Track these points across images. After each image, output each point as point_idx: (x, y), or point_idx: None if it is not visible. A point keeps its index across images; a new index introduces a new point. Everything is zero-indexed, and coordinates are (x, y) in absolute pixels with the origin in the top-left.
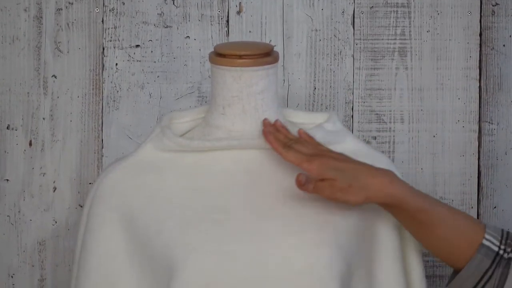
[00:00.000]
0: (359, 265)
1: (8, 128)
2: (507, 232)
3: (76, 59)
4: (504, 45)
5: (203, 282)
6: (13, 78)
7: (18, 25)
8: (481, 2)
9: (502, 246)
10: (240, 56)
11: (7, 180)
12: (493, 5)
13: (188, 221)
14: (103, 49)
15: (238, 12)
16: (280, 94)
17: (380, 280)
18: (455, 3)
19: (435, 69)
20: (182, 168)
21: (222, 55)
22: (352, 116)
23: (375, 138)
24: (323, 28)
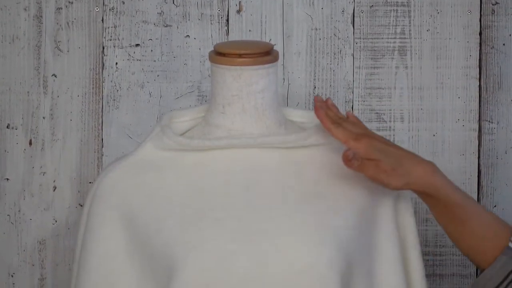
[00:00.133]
0: (360, 264)
1: (8, 127)
2: None
3: (76, 58)
4: (504, 44)
5: (203, 281)
6: (13, 77)
7: (18, 24)
8: (481, 1)
9: None
10: (240, 55)
11: (7, 179)
12: (493, 4)
13: (188, 220)
14: (103, 48)
15: (238, 11)
16: (280, 93)
17: (381, 279)
18: (455, 2)
19: (435, 68)
20: (182, 167)
21: (222, 54)
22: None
23: None
24: (323, 27)
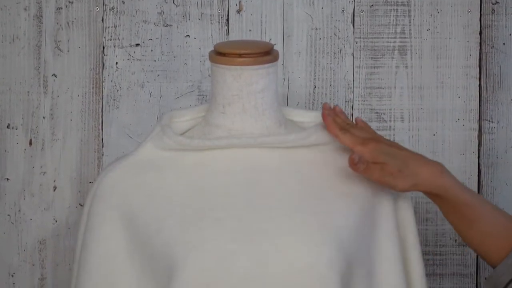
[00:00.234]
0: (360, 264)
1: (8, 127)
2: None
3: (76, 58)
4: (504, 44)
5: (203, 281)
6: (13, 77)
7: (18, 24)
8: (481, 1)
9: None
10: (240, 55)
11: (7, 179)
12: (493, 4)
13: (188, 220)
14: (103, 48)
15: (238, 11)
16: (280, 93)
17: (381, 279)
18: (455, 2)
19: (435, 68)
20: (182, 167)
21: (222, 54)
22: (352, 115)
23: None
24: (323, 27)
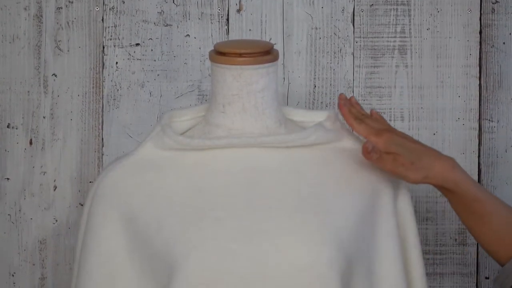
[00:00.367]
0: (360, 263)
1: (9, 127)
2: None
3: (76, 58)
4: (504, 43)
5: (203, 281)
6: (14, 77)
7: (18, 24)
8: (481, 0)
9: None
10: (240, 55)
11: (8, 179)
12: (493, 3)
13: (189, 219)
14: (103, 48)
15: (238, 11)
16: (280, 92)
17: (381, 278)
18: (455, 1)
19: (435, 67)
20: (183, 167)
21: (222, 54)
22: None
23: None
24: (323, 26)
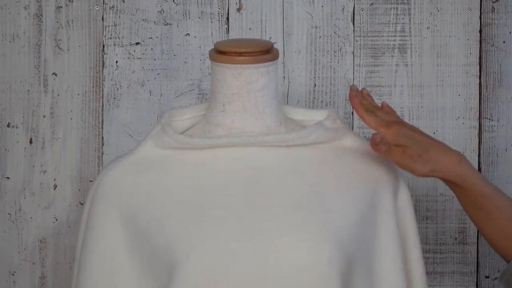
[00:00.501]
0: (360, 263)
1: (9, 126)
2: None
3: (76, 57)
4: (504, 42)
5: (204, 280)
6: (14, 76)
7: (18, 23)
8: None
9: None
10: (240, 54)
11: (8, 178)
12: (493, 2)
13: (189, 219)
14: (103, 47)
15: (238, 10)
16: (280, 91)
17: (381, 277)
18: (455, 0)
19: (435, 66)
20: (183, 166)
21: (222, 53)
22: (353, 113)
23: None
24: (323, 25)
